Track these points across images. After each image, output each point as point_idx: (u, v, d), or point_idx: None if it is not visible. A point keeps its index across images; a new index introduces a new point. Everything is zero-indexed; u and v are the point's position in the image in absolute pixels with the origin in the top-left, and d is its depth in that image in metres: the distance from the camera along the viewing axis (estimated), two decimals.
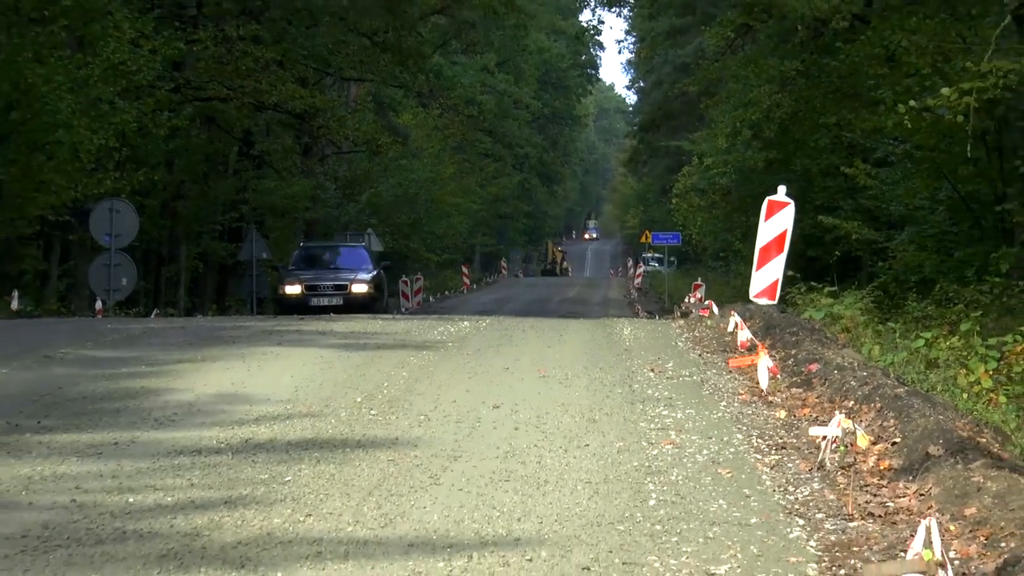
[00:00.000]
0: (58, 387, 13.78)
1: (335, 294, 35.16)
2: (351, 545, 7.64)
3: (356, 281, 35.69)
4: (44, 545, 7.61)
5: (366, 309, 33.98)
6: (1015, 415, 13.95)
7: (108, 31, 31.83)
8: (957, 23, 26.02)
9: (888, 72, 27.33)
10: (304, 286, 35.46)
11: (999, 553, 7.43)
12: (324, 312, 32.09)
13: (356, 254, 38.49)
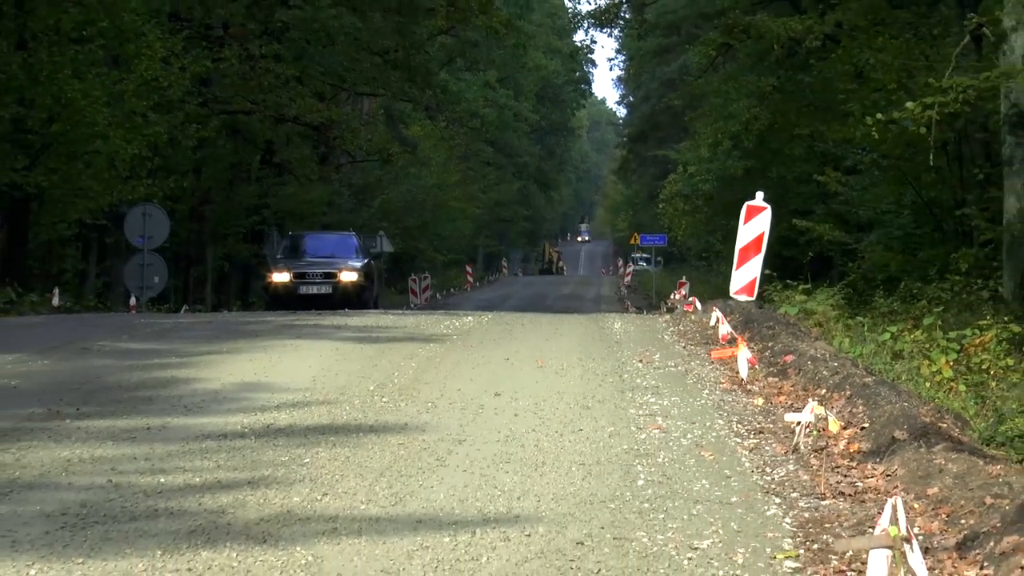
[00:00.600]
0: (95, 377, 13.77)
1: (324, 282, 31.83)
2: (364, 522, 7.64)
3: (346, 269, 32.24)
4: (82, 522, 7.61)
5: (356, 298, 31.49)
6: (974, 402, 13.94)
7: (141, 50, 31.85)
8: (920, 42, 26.01)
9: (857, 87, 27.32)
10: (292, 274, 32.00)
11: (959, 529, 7.43)
12: (313, 301, 30.57)
13: (345, 242, 34.79)
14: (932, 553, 6.91)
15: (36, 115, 29.14)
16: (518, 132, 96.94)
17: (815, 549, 7.15)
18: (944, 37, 24.61)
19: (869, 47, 27.16)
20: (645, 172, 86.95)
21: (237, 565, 6.75)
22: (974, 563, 6.83)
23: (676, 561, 6.90)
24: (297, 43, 43.76)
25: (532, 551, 7.05)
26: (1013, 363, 15.77)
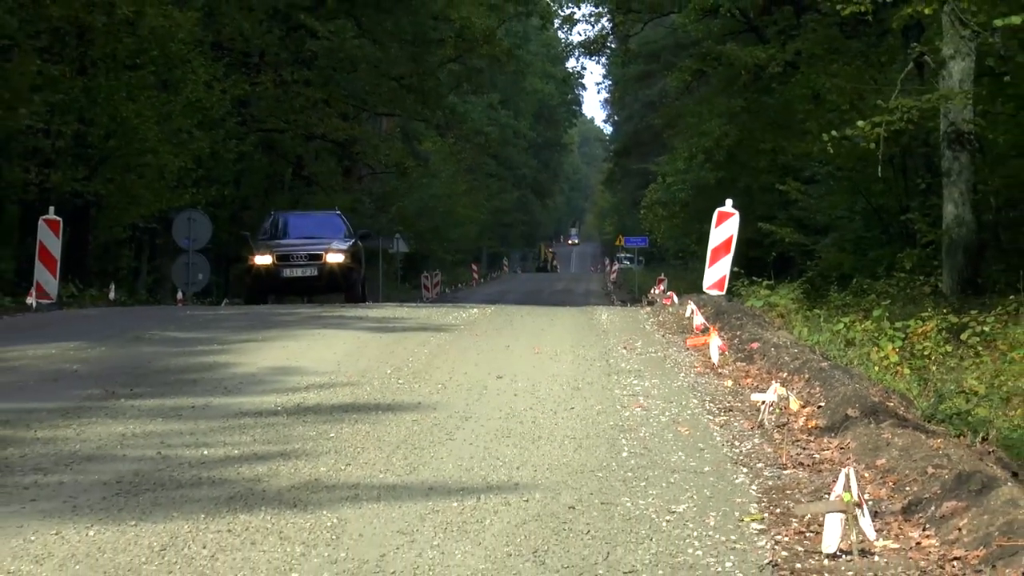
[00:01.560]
0: (146, 362, 13.77)
1: (309, 264, 27.04)
2: (382, 489, 7.64)
3: (332, 251, 27.34)
4: (135, 489, 7.61)
5: (343, 280, 27.59)
6: (917, 384, 13.94)
7: (188, 75, 31.94)
8: (870, 68, 26.04)
9: (814, 108, 27.35)
10: (275, 256, 27.21)
11: (904, 495, 7.42)
12: (298, 285, 27.60)
13: (331, 222, 29.75)
14: (880, 516, 6.91)
15: (95, 132, 29.16)
16: (517, 148, 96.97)
17: (778, 513, 7.15)
18: (891, 64, 24.63)
19: (825, 73, 27.23)
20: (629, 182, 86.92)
21: (271, 527, 6.75)
22: (917, 525, 6.83)
23: (655, 523, 6.90)
24: (325, 70, 43.77)
25: (530, 514, 7.05)
26: (951, 350, 15.79)
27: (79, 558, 6.20)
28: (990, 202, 22.24)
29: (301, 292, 27.20)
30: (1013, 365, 14.53)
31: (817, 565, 6.14)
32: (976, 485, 6.96)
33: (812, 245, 28.92)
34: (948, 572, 5.91)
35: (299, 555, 6.25)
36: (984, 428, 10.92)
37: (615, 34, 42.63)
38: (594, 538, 6.59)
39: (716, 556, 6.30)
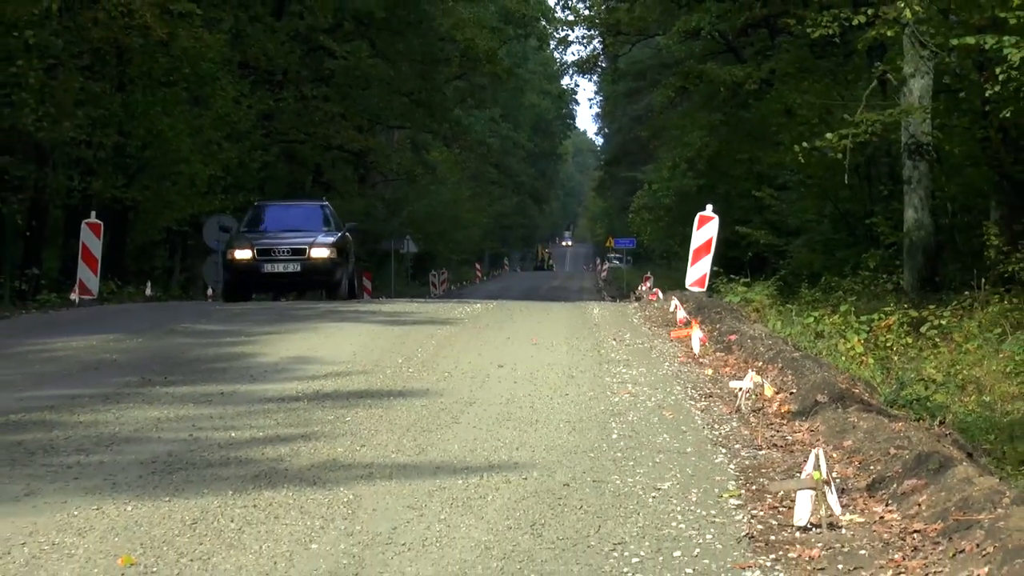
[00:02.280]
0: (179, 352, 13.78)
1: (292, 259, 23.41)
2: (394, 468, 7.64)
3: (316, 244, 23.59)
4: (169, 468, 7.61)
5: (329, 276, 23.92)
6: (880, 373, 13.96)
7: (217, 92, 31.96)
8: (838, 86, 26.04)
9: (787, 122, 27.34)
10: (255, 250, 23.49)
11: (869, 474, 7.43)
12: (279, 281, 23.96)
13: (317, 214, 25.86)
14: (847, 493, 6.91)
15: (133, 143, 29.19)
16: (516, 157, 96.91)
17: (754, 489, 7.15)
18: (856, 81, 24.62)
19: (796, 90, 27.25)
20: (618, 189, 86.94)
21: (292, 502, 6.75)
22: (880, 501, 6.83)
23: (642, 499, 6.90)
24: (341, 86, 43.78)
25: (528, 491, 7.05)
26: (911, 341, 15.81)
27: (118, 531, 6.20)
28: (947, 207, 22.25)
29: (283, 289, 24.06)
30: (967, 355, 14.55)
31: (789, 537, 6.15)
32: (934, 465, 6.97)
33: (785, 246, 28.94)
34: (908, 544, 5.92)
35: (318, 528, 6.25)
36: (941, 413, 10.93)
37: (605, 54, 42.60)
38: (587, 513, 6.59)
39: (697, 529, 6.30)
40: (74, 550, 5.87)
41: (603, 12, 39.82)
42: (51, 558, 5.75)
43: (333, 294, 23.78)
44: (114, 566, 5.61)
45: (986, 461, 8.64)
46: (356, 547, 5.91)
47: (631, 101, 62.44)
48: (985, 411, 11.87)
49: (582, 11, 41.03)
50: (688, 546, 5.98)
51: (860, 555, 5.83)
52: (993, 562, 5.24)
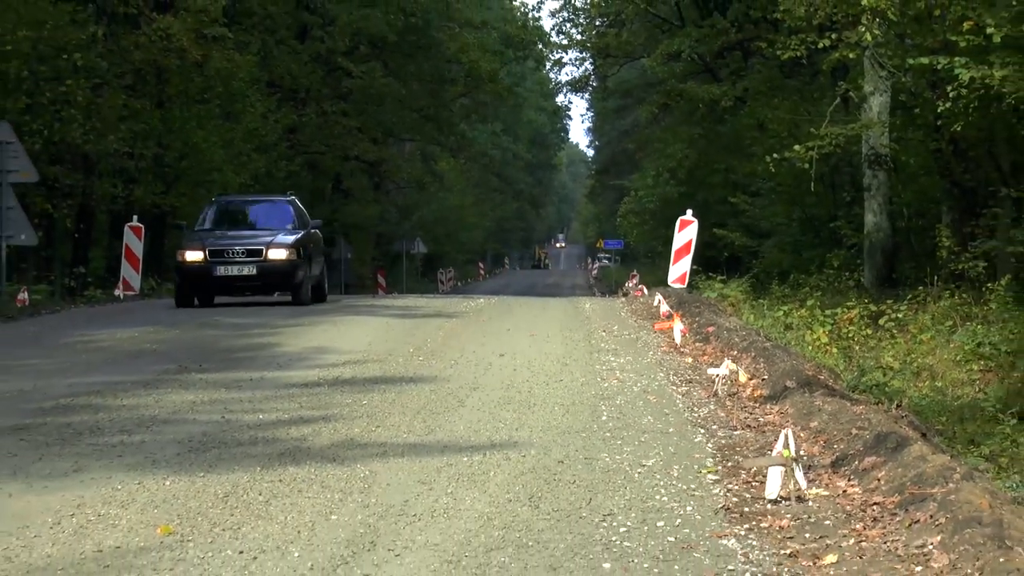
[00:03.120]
0: (212, 342, 13.79)
1: (247, 261, 19.26)
2: (406, 447, 7.64)
3: (274, 245, 19.38)
4: (203, 446, 7.62)
5: (288, 279, 19.63)
6: (843, 361, 13.96)
7: (246, 108, 31.96)
8: (804, 103, 26.03)
9: (759, 135, 27.34)
10: (208, 251, 19.26)
11: (833, 452, 7.43)
12: (234, 285, 19.67)
13: (278, 211, 21.26)
14: (813, 469, 6.92)
15: (170, 155, 29.19)
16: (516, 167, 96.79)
17: (729, 466, 7.15)
18: (822, 99, 24.60)
19: (767, 106, 27.24)
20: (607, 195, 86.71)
21: (314, 477, 6.75)
22: (843, 476, 6.84)
23: (629, 474, 6.90)
24: (358, 103, 43.76)
25: (526, 467, 7.05)
26: (871, 333, 15.82)
27: (157, 503, 6.21)
28: (903, 212, 22.23)
29: (238, 293, 19.98)
30: (921, 345, 14.55)
31: (761, 509, 6.15)
32: (892, 444, 6.97)
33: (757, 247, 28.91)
34: (869, 515, 5.92)
35: (337, 500, 6.25)
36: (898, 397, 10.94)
37: (596, 75, 42.61)
38: (579, 487, 6.60)
39: (679, 501, 6.30)
40: (118, 520, 5.88)
41: (594, 37, 39.84)
42: (97, 528, 5.75)
43: (295, 298, 19.47)
44: (154, 535, 5.61)
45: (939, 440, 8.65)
46: (371, 518, 5.91)
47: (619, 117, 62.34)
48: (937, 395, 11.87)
49: (575, 36, 41.10)
50: (670, 517, 5.98)
51: (825, 525, 5.83)
52: (945, 531, 5.25)
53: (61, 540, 5.55)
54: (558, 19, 41.47)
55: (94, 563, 5.20)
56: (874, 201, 21.06)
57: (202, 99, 30.14)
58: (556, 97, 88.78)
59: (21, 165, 19.87)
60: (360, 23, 40.33)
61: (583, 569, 5.11)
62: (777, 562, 5.23)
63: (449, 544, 5.47)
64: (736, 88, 31.00)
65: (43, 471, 6.94)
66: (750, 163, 26.94)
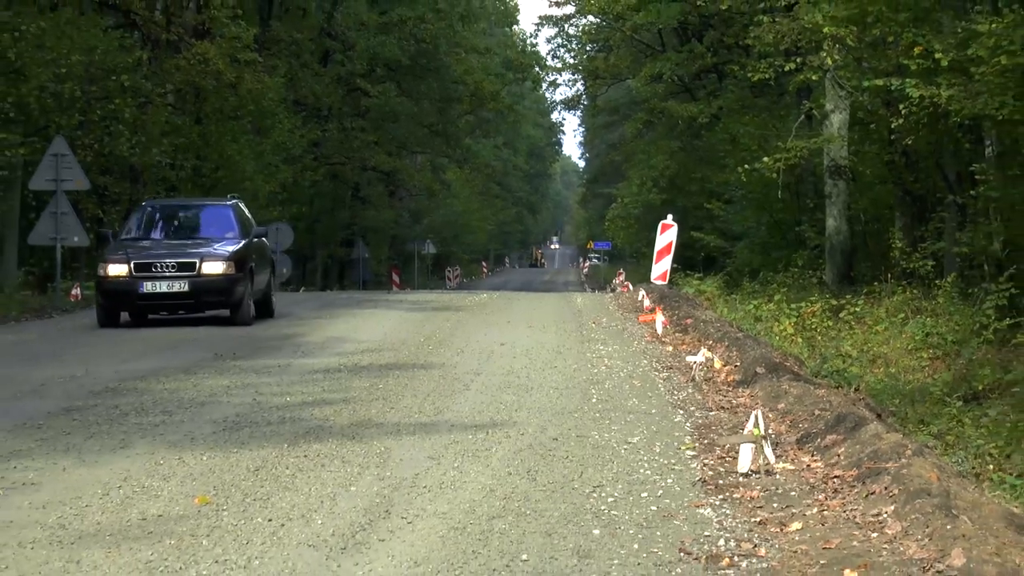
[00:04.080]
0: (244, 332, 13.79)
1: (179, 276, 14.85)
2: (417, 426, 7.64)
3: (210, 257, 15.05)
4: (236, 425, 7.61)
5: (226, 296, 15.04)
6: (807, 349, 13.93)
7: (275, 124, 31.93)
8: (772, 119, 26.01)
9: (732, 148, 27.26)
10: (132, 265, 14.84)
11: (798, 431, 7.42)
12: (162, 303, 15.12)
13: (221, 216, 16.58)
14: (780, 446, 6.91)
15: (207, 165, 29.15)
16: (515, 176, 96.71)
17: (705, 443, 7.15)
18: (788, 116, 24.58)
19: (739, 123, 27.19)
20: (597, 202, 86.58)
21: (335, 453, 6.74)
22: (807, 452, 6.83)
23: (616, 450, 6.90)
24: (375, 120, 43.74)
25: (524, 444, 7.04)
26: (832, 324, 15.79)
27: (195, 476, 6.20)
28: (860, 217, 22.19)
29: (168, 311, 15.62)
30: (877, 336, 14.53)
31: (734, 481, 6.14)
32: (851, 423, 6.96)
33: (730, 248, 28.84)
34: (830, 487, 5.91)
35: (356, 474, 6.25)
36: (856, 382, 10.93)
37: (586, 94, 42.54)
38: (571, 461, 6.59)
39: (660, 474, 6.30)
40: (160, 491, 5.87)
41: (585, 61, 39.85)
42: (141, 498, 5.75)
43: (234, 317, 15.04)
44: (192, 505, 5.61)
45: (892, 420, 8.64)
46: (386, 489, 5.91)
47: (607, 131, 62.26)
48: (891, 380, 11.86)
49: (568, 60, 41.16)
50: (653, 488, 5.97)
51: (791, 495, 5.83)
52: (898, 502, 5.24)
53: (109, 509, 5.55)
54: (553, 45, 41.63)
55: (139, 529, 5.19)
56: (834, 207, 21.02)
57: (235, 116, 30.11)
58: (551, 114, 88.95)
59: (75, 175, 19.89)
60: (376, 48, 40.32)
61: (575, 535, 5.11)
62: (748, 529, 5.23)
63: (456, 513, 5.47)
64: (711, 106, 30.97)
65: (93, 447, 6.94)
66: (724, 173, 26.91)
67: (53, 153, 19.47)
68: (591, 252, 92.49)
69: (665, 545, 4.96)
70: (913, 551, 4.56)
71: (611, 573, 4.57)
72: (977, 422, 9.04)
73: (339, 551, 4.85)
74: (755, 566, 4.68)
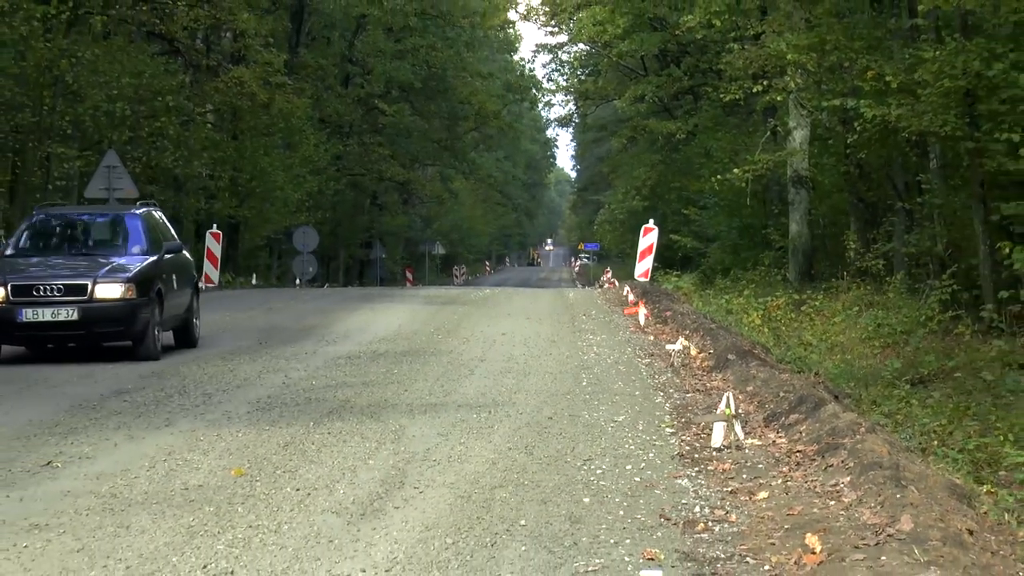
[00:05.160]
0: (276, 323, 13.76)
1: (66, 302, 10.00)
2: (428, 406, 7.62)
3: (106, 279, 10.23)
4: (268, 406, 7.60)
5: (124, 327, 10.23)
6: (772, 338, 13.90)
7: (302, 140, 31.93)
8: (742, 135, 25.93)
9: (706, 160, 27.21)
10: (10, 288, 10.02)
11: (765, 411, 7.41)
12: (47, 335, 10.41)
13: (124, 228, 11.50)
14: (749, 424, 6.90)
15: (243, 176, 29.14)
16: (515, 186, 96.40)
17: (683, 421, 7.14)
18: (755, 132, 24.51)
19: (713, 138, 27.15)
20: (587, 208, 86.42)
21: (355, 430, 6.73)
22: (773, 429, 6.82)
23: (604, 428, 6.89)
24: (390, 136, 43.70)
25: (522, 422, 7.03)
26: (795, 316, 15.76)
27: (231, 450, 6.19)
28: (819, 222, 22.13)
29: (54, 343, 10.79)
30: (834, 326, 14.50)
31: (708, 455, 6.13)
32: (811, 404, 6.95)
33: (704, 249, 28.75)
34: (793, 460, 5.90)
35: (373, 449, 6.24)
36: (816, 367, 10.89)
37: (578, 113, 42.49)
38: (564, 438, 6.58)
39: (643, 449, 6.29)
40: (200, 464, 5.86)
41: (576, 83, 39.82)
42: (183, 470, 5.74)
43: (137, 351, 10.44)
44: (228, 476, 5.59)
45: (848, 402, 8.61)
46: (401, 462, 5.90)
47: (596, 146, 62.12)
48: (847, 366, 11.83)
49: (561, 83, 41.09)
50: (637, 461, 5.96)
51: (759, 468, 5.81)
52: (854, 473, 5.23)
53: (155, 480, 5.54)
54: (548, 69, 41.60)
55: (181, 498, 5.18)
56: (796, 213, 20.97)
57: (267, 133, 30.12)
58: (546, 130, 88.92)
59: (125, 184, 19.89)
60: (392, 73, 40.29)
61: (568, 503, 5.10)
62: (721, 497, 5.22)
63: (462, 483, 5.45)
64: (688, 124, 30.93)
65: (141, 425, 6.93)
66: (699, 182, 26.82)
67: (106, 165, 19.48)
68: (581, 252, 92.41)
69: (647, 512, 4.95)
70: (867, 517, 4.55)
71: (600, 536, 4.56)
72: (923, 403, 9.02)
73: (359, 517, 4.84)
74: (727, 530, 4.68)
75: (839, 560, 4.01)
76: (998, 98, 10.96)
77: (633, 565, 4.19)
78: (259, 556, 4.29)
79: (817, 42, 14.70)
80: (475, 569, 4.14)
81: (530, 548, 4.39)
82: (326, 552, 4.34)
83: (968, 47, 11.16)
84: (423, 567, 4.16)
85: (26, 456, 6.05)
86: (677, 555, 4.32)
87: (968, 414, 8.40)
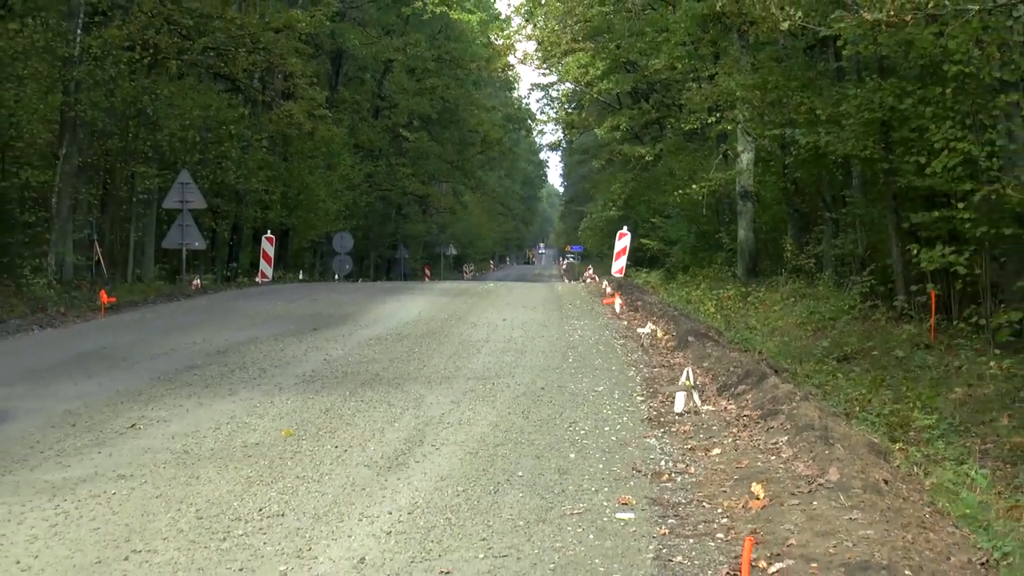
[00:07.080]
0: (318, 311, 13.72)
1: None
2: (443, 379, 7.60)
3: None
4: (311, 379, 7.57)
5: None
6: (724, 323, 13.87)
7: (341, 162, 31.89)
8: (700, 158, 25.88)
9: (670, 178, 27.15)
10: None
11: (718, 383, 7.39)
12: None
13: None
14: (705, 393, 6.88)
15: (292, 191, 29.07)
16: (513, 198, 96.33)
17: (651, 391, 7.12)
18: (710, 155, 24.46)
19: (676, 160, 27.07)
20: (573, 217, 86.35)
21: (382, 399, 6.71)
22: (725, 398, 6.79)
23: (586, 396, 6.87)
24: (412, 158, 43.59)
25: (520, 391, 7.01)
26: (742, 306, 15.73)
27: (282, 415, 6.17)
28: (762, 228, 22.08)
29: None
30: (775, 314, 14.47)
31: (672, 419, 6.11)
32: (756, 377, 6.94)
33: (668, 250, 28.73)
34: (741, 423, 5.88)
35: (398, 414, 6.22)
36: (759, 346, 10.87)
37: (565, 139, 42.48)
38: (554, 404, 6.56)
39: (618, 414, 6.27)
40: (256, 426, 5.85)
41: (564, 115, 39.84)
42: (242, 431, 5.72)
43: None
44: (279, 436, 5.58)
45: (786, 375, 8.60)
46: (420, 425, 5.88)
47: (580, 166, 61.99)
48: (784, 346, 11.81)
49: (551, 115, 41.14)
50: (613, 424, 5.94)
51: (713, 429, 5.80)
52: (790, 434, 5.22)
53: (220, 439, 5.52)
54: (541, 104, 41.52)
55: (241, 453, 5.17)
56: (744, 221, 20.93)
57: (312, 156, 30.04)
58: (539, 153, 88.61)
59: (195, 197, 19.91)
60: (414, 107, 40.23)
61: (557, 457, 5.08)
62: (681, 453, 5.21)
63: (470, 442, 5.44)
64: (655, 148, 30.89)
65: (209, 394, 6.91)
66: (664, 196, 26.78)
67: (180, 182, 19.51)
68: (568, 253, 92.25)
69: (622, 465, 4.94)
70: (801, 469, 4.54)
71: (583, 485, 4.55)
72: (847, 376, 9.00)
73: (386, 469, 4.83)
74: (687, 480, 4.66)
75: (779, 504, 4.00)
76: (908, 127, 10.96)
77: (610, 508, 4.18)
78: (305, 501, 4.28)
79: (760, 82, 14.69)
80: (481, 512, 4.13)
81: (526, 495, 4.39)
82: (359, 498, 4.33)
83: (884, 86, 11.15)
84: (439, 510, 4.15)
85: (114, 419, 6.04)
86: (646, 500, 4.31)
87: (883, 385, 8.39)
